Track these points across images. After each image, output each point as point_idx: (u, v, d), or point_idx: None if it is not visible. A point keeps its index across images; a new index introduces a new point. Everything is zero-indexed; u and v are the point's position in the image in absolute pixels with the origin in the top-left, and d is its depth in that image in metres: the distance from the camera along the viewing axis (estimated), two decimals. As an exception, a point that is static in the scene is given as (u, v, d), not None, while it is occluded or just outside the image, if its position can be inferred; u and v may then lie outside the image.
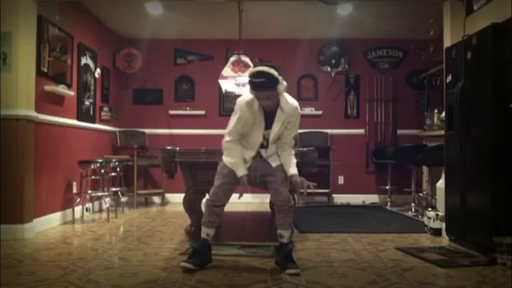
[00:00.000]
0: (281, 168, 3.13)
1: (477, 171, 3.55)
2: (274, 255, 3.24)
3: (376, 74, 7.14)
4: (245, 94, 3.08)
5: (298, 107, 3.10)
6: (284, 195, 3.06)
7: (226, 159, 3.10)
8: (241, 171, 3.04)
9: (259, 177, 3.13)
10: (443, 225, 4.14)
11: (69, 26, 5.15)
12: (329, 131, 7.02)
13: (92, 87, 5.88)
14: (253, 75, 2.89)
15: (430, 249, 3.67)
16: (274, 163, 3.12)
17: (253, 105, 2.98)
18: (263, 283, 2.78)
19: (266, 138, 3.08)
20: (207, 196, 3.21)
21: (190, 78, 7.12)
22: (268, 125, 3.04)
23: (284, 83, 2.93)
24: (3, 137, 4.06)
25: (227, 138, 3.09)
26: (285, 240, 3.09)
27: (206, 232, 3.12)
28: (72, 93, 5.15)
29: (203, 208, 3.29)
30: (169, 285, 2.71)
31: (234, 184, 3.12)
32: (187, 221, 4.15)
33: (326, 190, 6.76)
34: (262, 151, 3.12)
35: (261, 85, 2.86)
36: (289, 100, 3.04)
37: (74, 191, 5.19)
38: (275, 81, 2.87)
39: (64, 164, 5.02)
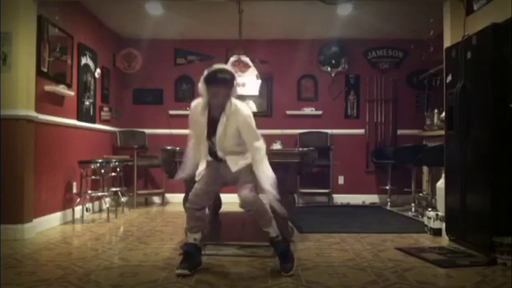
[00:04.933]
0: (243, 171, 3.00)
1: (477, 171, 3.55)
2: (273, 254, 3.22)
3: (376, 74, 7.13)
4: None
5: (246, 113, 2.96)
6: (243, 199, 2.93)
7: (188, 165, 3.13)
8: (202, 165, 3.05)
9: (223, 184, 3.12)
10: (443, 225, 4.14)
11: (69, 26, 5.15)
12: (329, 131, 7.02)
13: (92, 87, 5.88)
14: (218, 71, 2.88)
15: (430, 249, 3.67)
16: (233, 167, 3.00)
17: (197, 107, 2.99)
18: (263, 283, 2.78)
19: (213, 144, 2.99)
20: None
21: (190, 78, 7.11)
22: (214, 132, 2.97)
23: (237, 88, 2.99)
24: (3, 137, 4.06)
25: (189, 143, 3.15)
26: (272, 234, 3.03)
27: (193, 237, 3.05)
28: (72, 93, 5.15)
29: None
30: (169, 285, 2.71)
31: (216, 185, 3.09)
32: (187, 221, 4.15)
33: (326, 190, 6.76)
34: (219, 153, 3.01)
35: (224, 81, 2.87)
36: (239, 106, 2.95)
37: (74, 191, 5.19)
38: (233, 81, 2.93)
39: (64, 164, 5.02)
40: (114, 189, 5.71)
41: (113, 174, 5.63)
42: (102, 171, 5.22)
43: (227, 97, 2.92)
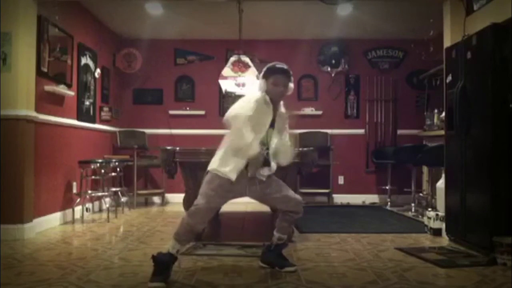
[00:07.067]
0: (273, 178, 2.96)
1: (477, 171, 3.55)
2: (262, 253, 3.17)
3: (376, 74, 7.13)
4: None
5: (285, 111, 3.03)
6: (294, 198, 3.11)
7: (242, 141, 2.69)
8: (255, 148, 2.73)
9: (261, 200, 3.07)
10: (443, 225, 4.14)
11: (69, 26, 5.15)
12: (329, 131, 7.01)
13: (92, 87, 5.88)
14: (276, 63, 3.00)
15: (430, 249, 3.67)
16: (269, 171, 2.91)
17: (263, 99, 2.85)
18: (263, 283, 2.78)
19: (265, 144, 2.86)
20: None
21: (190, 78, 7.11)
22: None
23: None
24: (3, 137, 4.06)
25: (241, 124, 2.67)
26: (281, 242, 3.08)
27: (177, 249, 2.82)
28: (72, 93, 5.15)
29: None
30: (169, 285, 2.71)
31: (226, 201, 2.95)
32: (187, 221, 4.15)
33: (326, 190, 6.76)
34: (264, 170, 2.86)
35: (283, 70, 2.93)
36: (283, 108, 3.00)
37: (74, 191, 5.18)
38: (290, 75, 2.97)
39: (64, 164, 5.02)
40: (114, 189, 5.71)
41: (113, 174, 5.63)
42: (102, 171, 5.22)
43: (286, 89, 2.92)
